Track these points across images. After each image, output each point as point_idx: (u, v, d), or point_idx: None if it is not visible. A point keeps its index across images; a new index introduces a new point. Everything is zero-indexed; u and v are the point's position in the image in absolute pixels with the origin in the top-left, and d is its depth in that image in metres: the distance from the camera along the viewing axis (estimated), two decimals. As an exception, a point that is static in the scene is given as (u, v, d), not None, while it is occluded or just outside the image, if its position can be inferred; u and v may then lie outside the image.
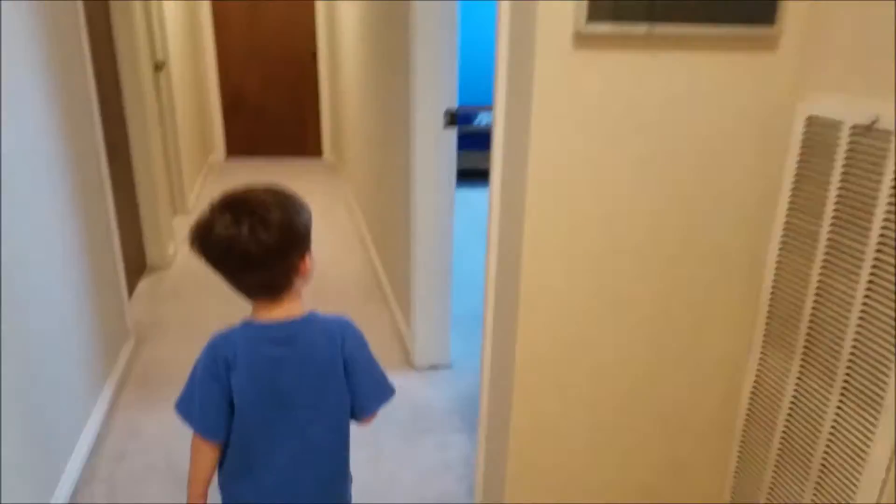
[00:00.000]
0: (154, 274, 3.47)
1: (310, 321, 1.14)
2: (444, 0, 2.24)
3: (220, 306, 2.06)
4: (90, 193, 2.27)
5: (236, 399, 1.11)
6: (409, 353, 2.67)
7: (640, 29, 1.31)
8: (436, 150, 2.41)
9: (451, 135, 2.41)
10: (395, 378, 1.22)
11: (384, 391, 1.21)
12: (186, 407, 1.13)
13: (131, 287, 3.17)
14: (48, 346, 1.80)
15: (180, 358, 1.25)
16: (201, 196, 4.95)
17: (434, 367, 2.60)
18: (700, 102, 1.36)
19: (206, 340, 1.14)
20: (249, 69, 6.02)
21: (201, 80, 5.74)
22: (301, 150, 6.30)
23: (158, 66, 3.91)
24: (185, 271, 3.52)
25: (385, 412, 1.23)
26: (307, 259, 1.11)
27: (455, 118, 2.40)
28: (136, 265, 3.35)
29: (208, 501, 1.18)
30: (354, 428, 1.21)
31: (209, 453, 1.15)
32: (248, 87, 6.07)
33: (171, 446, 2.08)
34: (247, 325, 1.12)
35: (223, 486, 1.19)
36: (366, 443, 2.10)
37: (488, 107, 1.55)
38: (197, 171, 5.11)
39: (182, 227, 4.16)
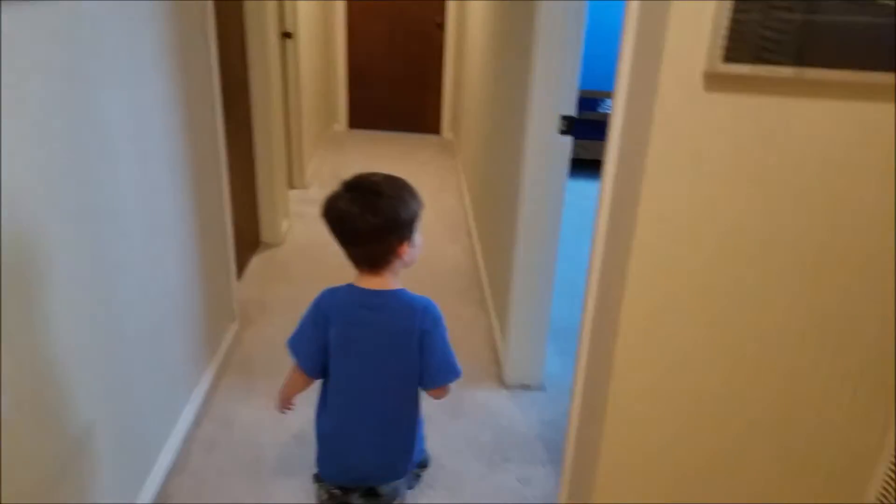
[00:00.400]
0: (267, 251, 3.59)
1: (398, 295, 1.35)
2: (573, 0, 2.07)
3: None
4: (205, 163, 2.31)
5: (330, 346, 1.35)
6: (500, 368, 2.59)
7: (787, 72, 1.12)
8: (548, 155, 2.27)
9: (566, 142, 2.26)
10: (483, 396, 1.15)
11: (449, 371, 1.37)
12: (293, 343, 1.40)
13: (243, 264, 3.29)
14: (153, 325, 1.87)
15: (283, 344, 1.42)
16: (320, 169, 5.07)
17: (525, 387, 2.50)
18: (846, 157, 1.15)
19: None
20: (377, 38, 6.04)
21: (329, 49, 5.84)
22: (420, 125, 6.29)
23: (287, 35, 3.96)
24: (297, 249, 3.61)
25: (469, 433, 1.23)
26: (405, 245, 1.31)
27: (572, 125, 2.24)
28: (250, 241, 3.48)
29: None
30: (437, 444, 1.22)
31: (300, 381, 1.44)
32: (374, 56, 6.10)
33: (261, 441, 2.14)
34: (350, 288, 1.35)
35: (316, 416, 1.44)
36: (446, 463, 2.06)
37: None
38: (317, 143, 5.22)
39: (297, 201, 4.27)
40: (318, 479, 1.46)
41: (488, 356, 2.70)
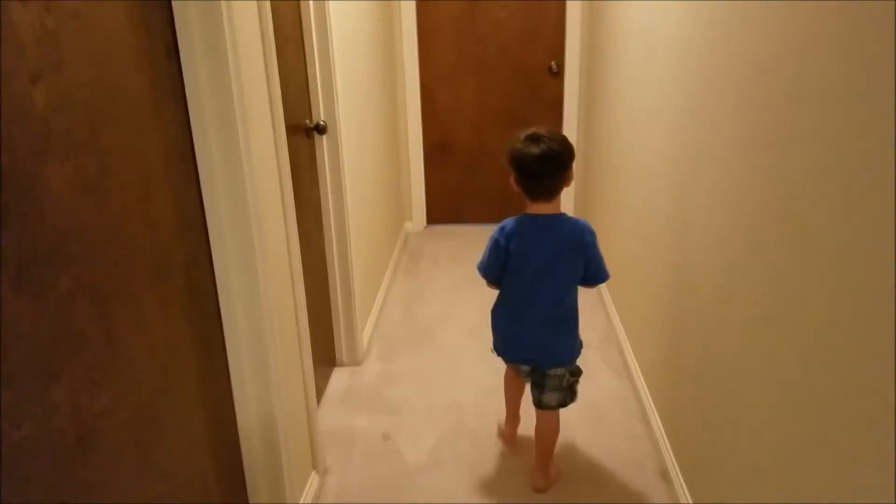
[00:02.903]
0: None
1: (565, 217, 1.83)
2: None
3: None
4: None
5: (510, 260, 1.84)
6: None
7: None
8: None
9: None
10: None
11: (602, 275, 1.86)
12: (483, 268, 1.90)
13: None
14: None
15: None
16: (384, 318, 3.19)
17: None
18: None
19: None
20: (463, 101, 4.22)
21: (395, 128, 4.04)
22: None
23: (320, 130, 2.27)
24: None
25: None
26: (571, 172, 1.78)
27: None
28: None
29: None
30: None
31: (491, 286, 1.96)
32: (461, 125, 4.27)
33: None
34: (525, 216, 1.83)
35: (492, 312, 1.96)
36: None
37: None
38: (377, 271, 3.35)
39: (342, 399, 2.38)
40: (495, 353, 1.99)
41: None
